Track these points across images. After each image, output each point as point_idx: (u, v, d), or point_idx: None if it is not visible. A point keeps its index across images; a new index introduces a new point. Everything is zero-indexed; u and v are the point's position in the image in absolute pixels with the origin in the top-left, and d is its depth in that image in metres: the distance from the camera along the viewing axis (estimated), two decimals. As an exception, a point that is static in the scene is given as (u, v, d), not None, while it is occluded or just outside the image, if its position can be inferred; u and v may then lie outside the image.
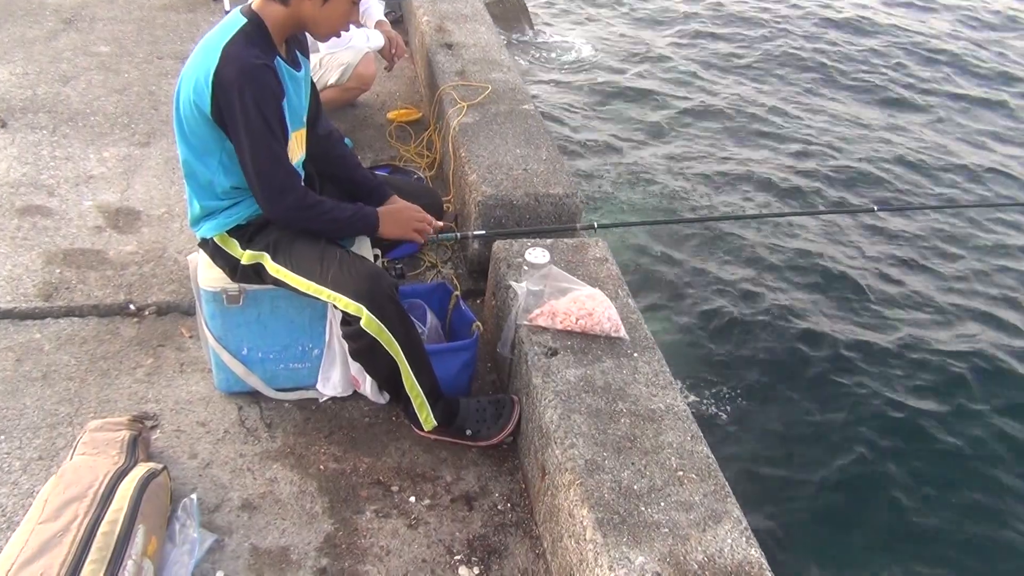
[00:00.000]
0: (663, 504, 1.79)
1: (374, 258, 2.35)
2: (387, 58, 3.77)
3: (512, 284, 2.38)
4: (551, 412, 2.02)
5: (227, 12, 2.14)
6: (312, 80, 2.38)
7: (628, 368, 2.18)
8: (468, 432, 2.29)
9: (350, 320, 2.11)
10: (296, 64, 2.19)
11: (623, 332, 2.27)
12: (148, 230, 3.09)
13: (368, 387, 2.41)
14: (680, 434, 1.98)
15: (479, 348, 2.48)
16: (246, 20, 2.03)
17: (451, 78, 3.72)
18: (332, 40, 2.33)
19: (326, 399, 2.45)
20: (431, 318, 2.52)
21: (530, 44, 8.27)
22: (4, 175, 3.33)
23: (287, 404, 2.43)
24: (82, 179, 3.36)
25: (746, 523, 1.77)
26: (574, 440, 1.93)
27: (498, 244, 2.65)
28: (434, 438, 2.33)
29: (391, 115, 4.05)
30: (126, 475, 1.88)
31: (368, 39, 3.71)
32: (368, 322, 2.07)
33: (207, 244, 2.27)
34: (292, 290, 2.18)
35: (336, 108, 3.91)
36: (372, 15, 3.86)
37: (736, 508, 1.80)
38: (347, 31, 2.21)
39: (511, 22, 8.12)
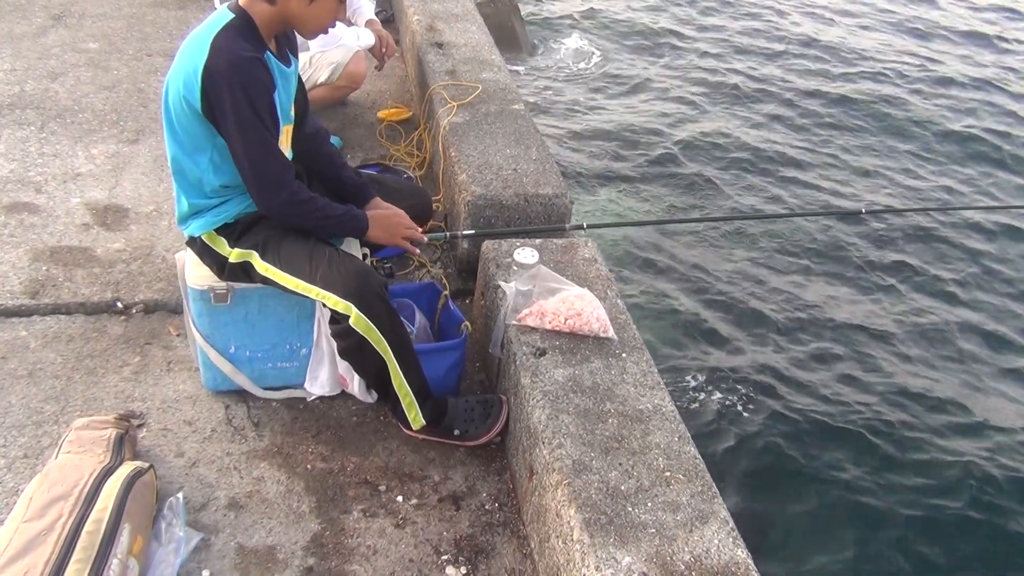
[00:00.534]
0: (650, 505, 1.79)
1: (363, 257, 2.35)
2: (377, 57, 3.77)
3: (501, 284, 2.38)
4: (539, 412, 2.03)
5: (216, 9, 2.13)
6: (300, 78, 2.37)
7: (616, 368, 2.18)
8: (456, 432, 2.29)
9: (339, 319, 2.11)
10: (286, 60, 2.18)
11: (611, 332, 2.27)
12: (136, 228, 3.08)
13: (356, 386, 2.41)
14: (668, 435, 1.99)
15: (468, 348, 2.48)
16: (234, 15, 2.02)
17: (441, 77, 3.71)
18: (322, 38, 2.33)
19: (314, 398, 2.45)
20: (420, 317, 2.52)
21: (522, 45, 8.28)
22: (-9, 171, 3.31)
23: (275, 403, 2.42)
24: (70, 176, 3.34)
25: (733, 524, 1.78)
26: (562, 440, 1.93)
27: (487, 244, 2.65)
28: (422, 438, 2.33)
29: (381, 114, 4.05)
30: (112, 474, 1.87)
31: (358, 38, 3.70)
32: (357, 321, 2.07)
33: (195, 242, 2.26)
34: (280, 288, 2.17)
35: (326, 107, 3.90)
36: (363, 14, 3.85)
37: (723, 509, 1.81)
38: (334, 28, 2.20)
39: (502, 20, 8.13)
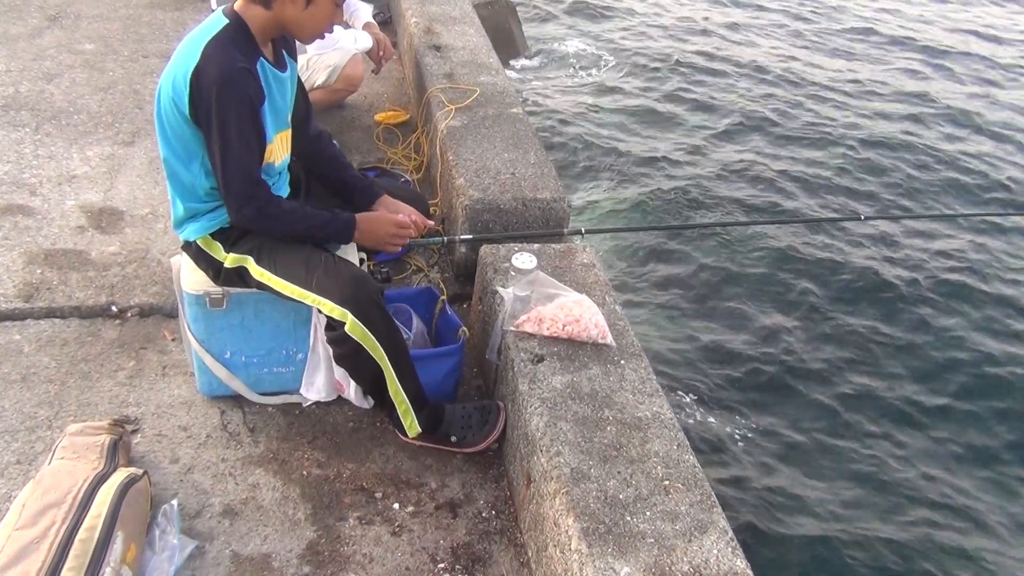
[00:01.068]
0: (649, 514, 1.78)
1: (360, 262, 2.33)
2: (375, 60, 3.76)
3: (499, 289, 2.37)
4: (537, 419, 2.01)
5: (213, 11, 2.12)
6: (300, 80, 2.36)
7: (615, 375, 2.17)
8: (453, 438, 2.28)
9: (335, 325, 2.09)
10: (282, 64, 2.17)
11: (610, 339, 2.26)
12: (131, 231, 3.06)
13: (352, 392, 2.39)
14: (666, 443, 1.97)
15: (465, 353, 2.46)
16: (228, 21, 2.01)
17: (439, 80, 3.70)
18: (319, 42, 2.32)
19: (310, 404, 2.43)
20: (417, 323, 2.50)
21: (519, 48, 8.27)
22: (-15, 173, 3.29)
23: (270, 409, 2.40)
24: (65, 178, 3.32)
25: (732, 533, 1.77)
26: (560, 448, 1.92)
27: (485, 249, 2.63)
28: (419, 444, 2.31)
29: (379, 117, 4.04)
30: (105, 480, 1.86)
31: (356, 40, 3.69)
32: (353, 327, 2.05)
33: (190, 247, 2.24)
34: (276, 294, 2.16)
35: (323, 110, 3.88)
36: (360, 16, 3.84)
37: (722, 518, 1.80)
38: (331, 32, 2.19)
39: (500, 23, 8.12)
